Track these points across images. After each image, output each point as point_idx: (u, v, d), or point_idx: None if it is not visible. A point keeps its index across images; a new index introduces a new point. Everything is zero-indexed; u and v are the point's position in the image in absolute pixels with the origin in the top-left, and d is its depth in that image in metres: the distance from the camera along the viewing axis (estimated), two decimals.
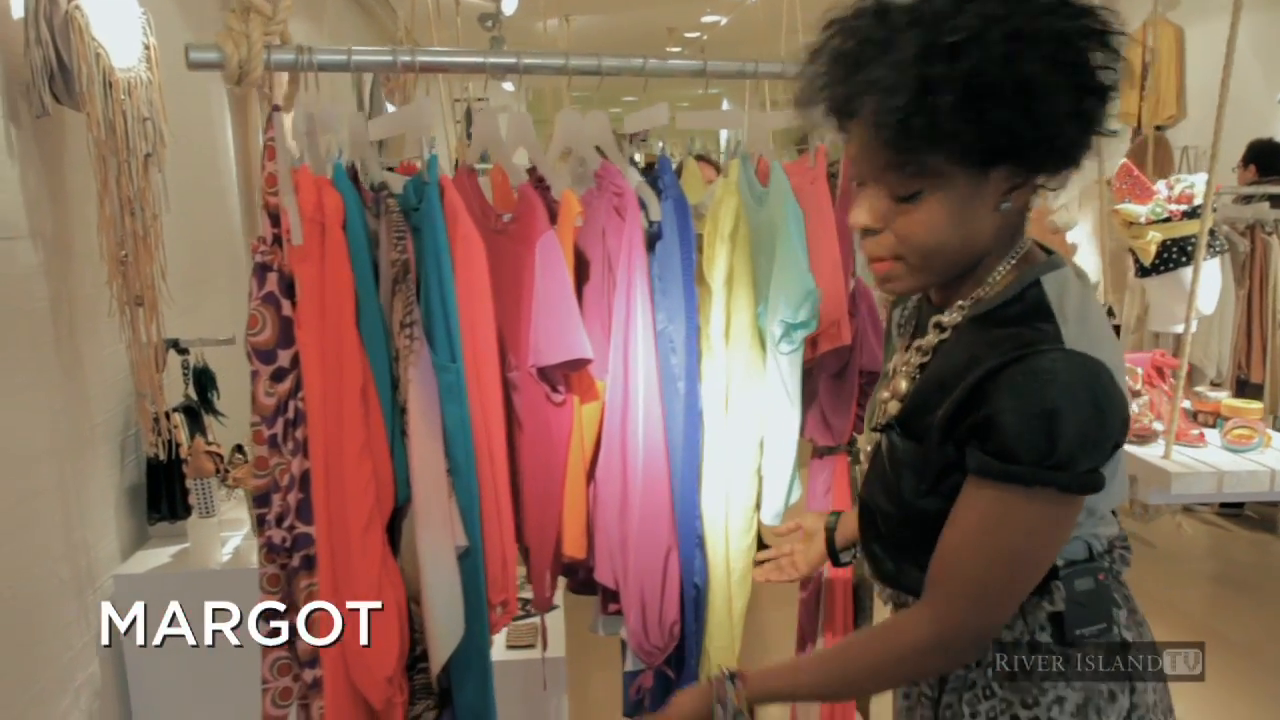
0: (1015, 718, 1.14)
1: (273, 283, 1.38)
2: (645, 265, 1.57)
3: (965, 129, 0.99)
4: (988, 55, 0.97)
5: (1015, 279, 1.11)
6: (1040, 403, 1.00)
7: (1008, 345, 1.04)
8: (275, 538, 1.41)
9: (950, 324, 1.14)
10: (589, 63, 1.64)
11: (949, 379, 1.09)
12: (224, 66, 1.34)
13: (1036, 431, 1.01)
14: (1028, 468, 1.02)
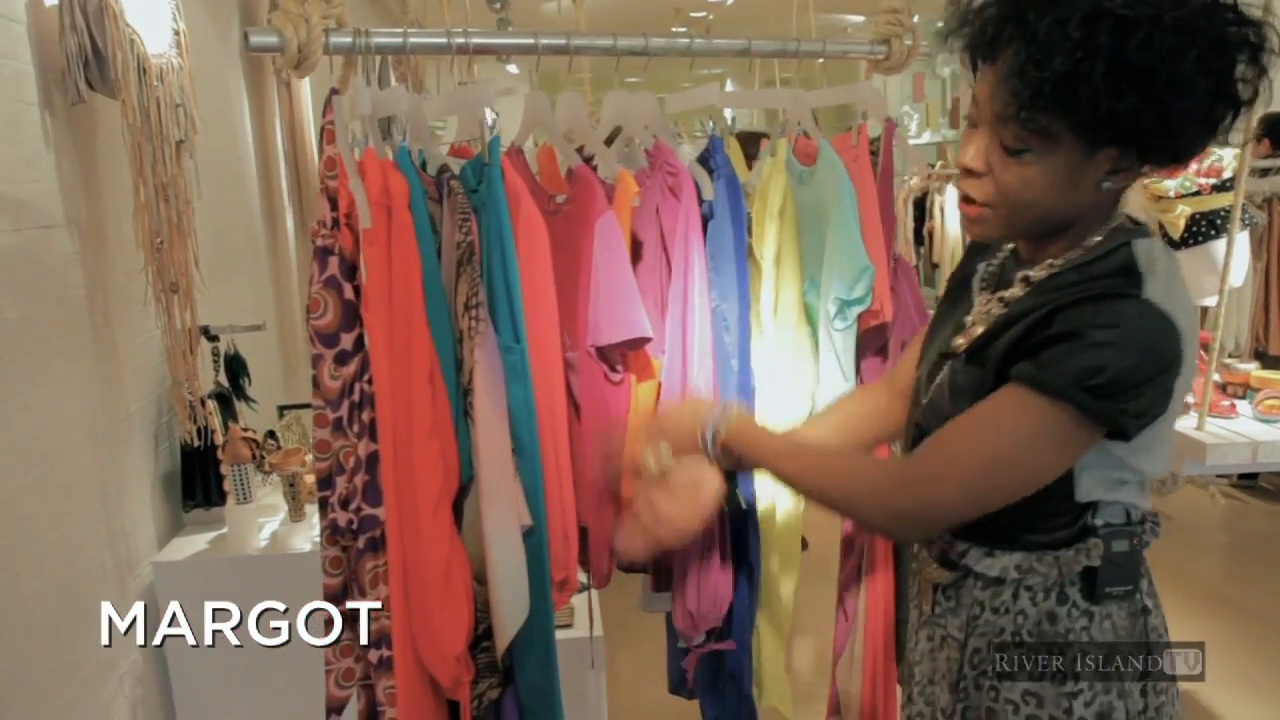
0: (1044, 666, 1.18)
1: (334, 266, 1.39)
2: (701, 244, 1.58)
3: (1099, 104, 1.01)
4: (1152, 41, 0.99)
5: (1104, 243, 1.15)
6: (1099, 333, 1.04)
7: (1087, 288, 1.09)
8: (340, 520, 1.42)
9: (1036, 279, 1.17)
10: (636, 42, 1.64)
11: (1021, 315, 1.13)
12: (284, 50, 1.34)
13: (1085, 356, 1.04)
14: (1062, 381, 1.05)
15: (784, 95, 1.74)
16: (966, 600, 1.25)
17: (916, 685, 1.35)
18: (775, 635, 1.85)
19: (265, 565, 2.33)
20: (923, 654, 1.33)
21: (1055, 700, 1.17)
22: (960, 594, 1.26)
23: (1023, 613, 1.20)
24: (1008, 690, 1.19)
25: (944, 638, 1.28)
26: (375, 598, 1.43)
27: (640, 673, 3.30)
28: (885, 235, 1.80)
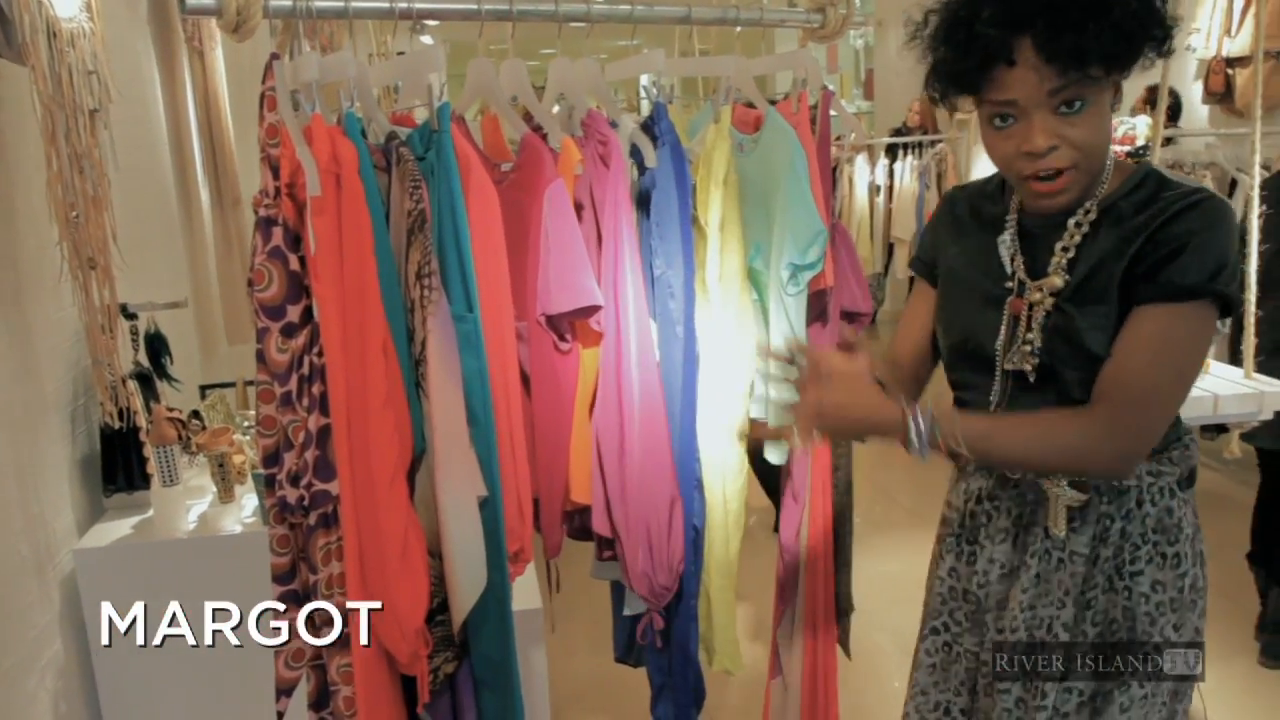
0: (1164, 555, 1.37)
1: (278, 236, 1.34)
2: (630, 213, 1.58)
3: (1128, 37, 1.19)
4: None
5: (1126, 176, 1.33)
6: (1217, 233, 1.24)
7: (1175, 196, 1.27)
8: (290, 497, 1.39)
9: (1088, 221, 1.32)
10: (578, 8, 1.62)
11: (1118, 241, 1.28)
12: (221, 13, 1.29)
13: (1212, 256, 1.23)
14: (1198, 283, 1.23)
15: (727, 63, 1.74)
16: (1092, 517, 1.38)
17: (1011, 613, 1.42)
18: (724, 599, 1.87)
19: (194, 548, 2.26)
20: (1028, 582, 1.42)
21: (1174, 583, 1.37)
22: (1086, 514, 1.38)
23: (1147, 514, 1.37)
24: (1139, 585, 1.37)
25: (1060, 559, 1.40)
26: (326, 574, 1.40)
27: (577, 645, 3.31)
28: (824, 201, 1.82)
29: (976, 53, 1.22)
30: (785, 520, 1.99)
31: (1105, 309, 1.29)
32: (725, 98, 1.73)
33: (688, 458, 1.70)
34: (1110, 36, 1.17)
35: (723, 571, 1.83)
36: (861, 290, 1.97)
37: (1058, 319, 1.33)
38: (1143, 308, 1.26)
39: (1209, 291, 1.23)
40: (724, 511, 1.80)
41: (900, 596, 3.62)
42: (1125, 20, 1.18)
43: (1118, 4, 1.18)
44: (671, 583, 1.69)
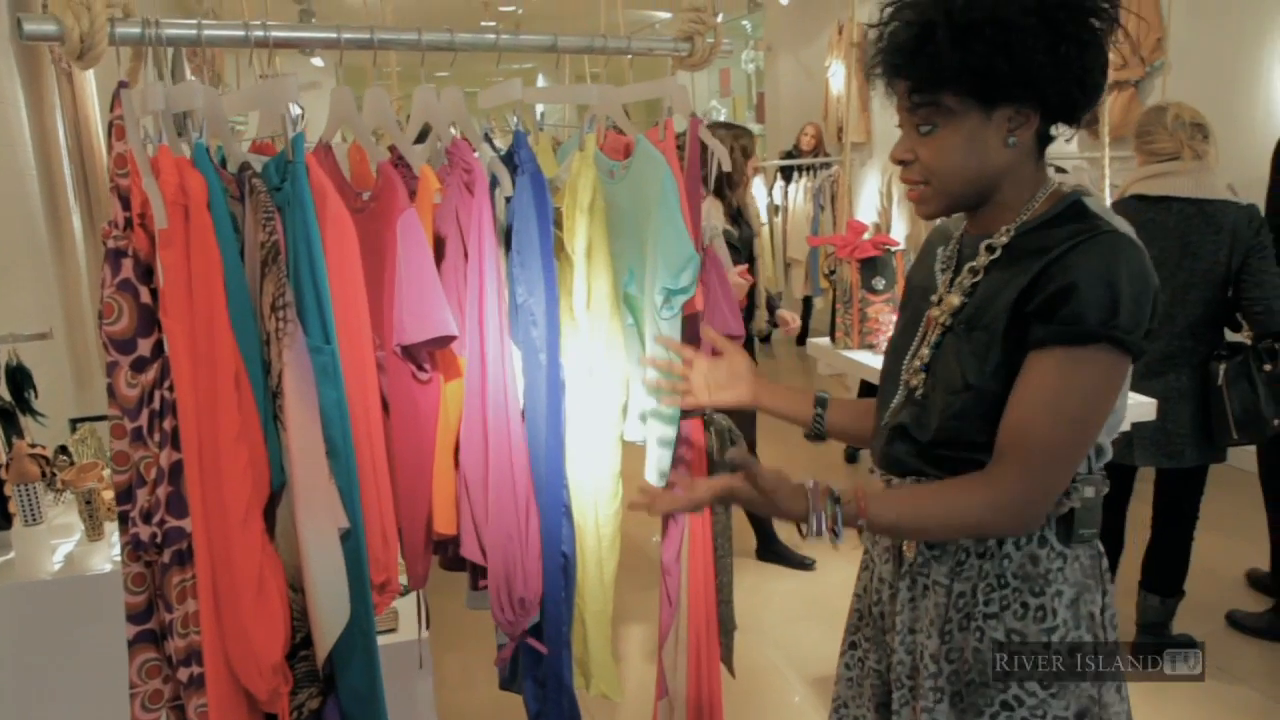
0: (1025, 604, 1.31)
1: (128, 269, 1.32)
2: (495, 241, 1.58)
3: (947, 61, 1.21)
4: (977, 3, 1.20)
5: (1053, 204, 1.31)
6: (1107, 272, 1.19)
7: (1070, 233, 1.24)
8: (143, 534, 1.35)
9: (999, 245, 1.32)
10: (441, 37, 1.63)
11: (1013, 272, 1.27)
12: (64, 40, 1.26)
13: (1103, 296, 1.19)
14: (1095, 326, 1.19)
15: (591, 90, 1.76)
16: (951, 547, 1.35)
17: (898, 635, 1.41)
18: (599, 624, 1.87)
19: (59, 590, 2.18)
20: (903, 603, 1.41)
21: (1036, 635, 1.30)
22: (945, 543, 1.35)
23: (1008, 556, 1.31)
24: (992, 629, 1.31)
25: (926, 586, 1.38)
26: (182, 613, 1.37)
27: (468, 674, 3.28)
28: (692, 227, 1.86)
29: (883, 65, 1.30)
30: (666, 541, 2.01)
31: (987, 338, 1.28)
32: (590, 125, 1.76)
33: (554, 484, 1.71)
34: (954, 72, 1.22)
35: (596, 596, 1.84)
36: (733, 314, 2.00)
37: (948, 339, 1.34)
38: (1038, 353, 1.23)
39: (1104, 336, 1.20)
40: (596, 537, 1.81)
41: (793, 614, 3.70)
42: (977, 62, 1.20)
43: (976, 46, 1.20)
44: (517, 616, 1.68)
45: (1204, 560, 3.40)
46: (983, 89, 1.23)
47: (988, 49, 1.20)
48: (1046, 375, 1.22)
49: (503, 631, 1.71)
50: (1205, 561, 3.48)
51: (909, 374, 1.39)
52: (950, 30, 1.20)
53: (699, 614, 2.02)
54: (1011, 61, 1.20)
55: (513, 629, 1.69)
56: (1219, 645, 3.31)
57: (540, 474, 1.66)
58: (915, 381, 1.37)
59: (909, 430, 1.37)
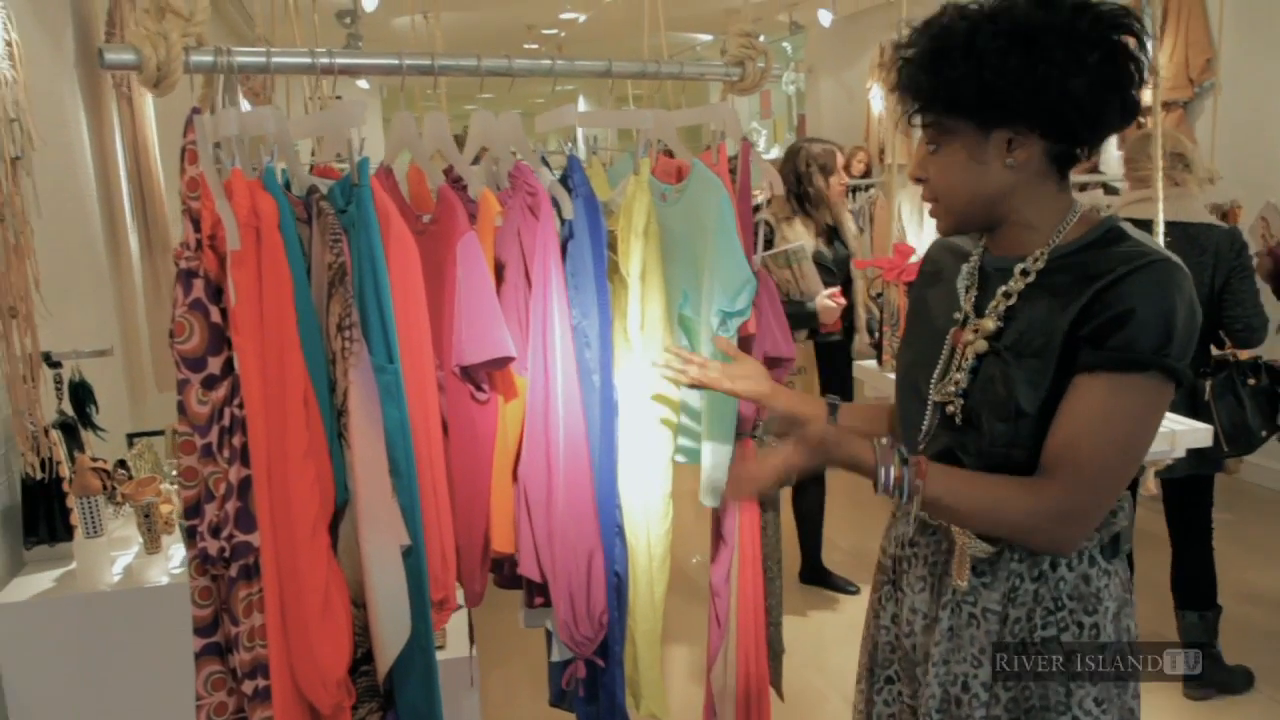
0: (1080, 624, 1.33)
1: (199, 289, 1.35)
2: (560, 263, 1.61)
3: (928, 85, 1.29)
4: (954, 28, 1.27)
5: (1089, 228, 1.32)
6: (1164, 301, 1.21)
7: (1121, 259, 1.24)
8: (210, 549, 1.38)
9: (1034, 269, 1.33)
10: (499, 63, 1.66)
11: (1060, 299, 1.27)
12: (142, 69, 1.30)
13: (1158, 325, 1.20)
14: (1145, 354, 1.21)
15: (646, 115, 1.78)
16: (1002, 574, 1.35)
17: (931, 666, 1.39)
18: (649, 643, 1.88)
19: (119, 601, 2.22)
20: (942, 634, 1.39)
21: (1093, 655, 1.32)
22: (997, 569, 1.35)
23: (1062, 579, 1.33)
24: (1053, 653, 1.32)
25: (973, 614, 1.36)
26: (248, 626, 1.40)
27: (510, 691, 3.29)
28: (747, 249, 1.87)
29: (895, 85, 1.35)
30: (716, 563, 2.01)
31: (1040, 365, 1.27)
32: (644, 150, 1.78)
33: (608, 504, 1.72)
34: (930, 93, 1.29)
35: (647, 616, 1.85)
36: (784, 335, 2.01)
37: (992, 365, 1.32)
38: (1087, 376, 1.24)
39: (1156, 364, 1.21)
40: (648, 557, 1.82)
41: (837, 638, 3.67)
42: (949, 85, 1.27)
43: (946, 69, 1.26)
44: (593, 633, 1.70)
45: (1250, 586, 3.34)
46: (967, 110, 1.29)
47: (958, 72, 1.25)
48: (1095, 399, 1.23)
49: (570, 649, 1.72)
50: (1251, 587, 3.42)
51: (939, 395, 1.39)
52: (929, 54, 1.28)
53: (748, 636, 2.02)
54: (980, 84, 1.25)
55: (587, 646, 1.70)
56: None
57: (597, 495, 1.67)
58: (952, 407, 1.36)
59: (956, 455, 1.36)
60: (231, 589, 1.39)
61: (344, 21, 5.10)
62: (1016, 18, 1.24)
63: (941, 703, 1.38)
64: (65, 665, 2.19)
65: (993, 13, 1.26)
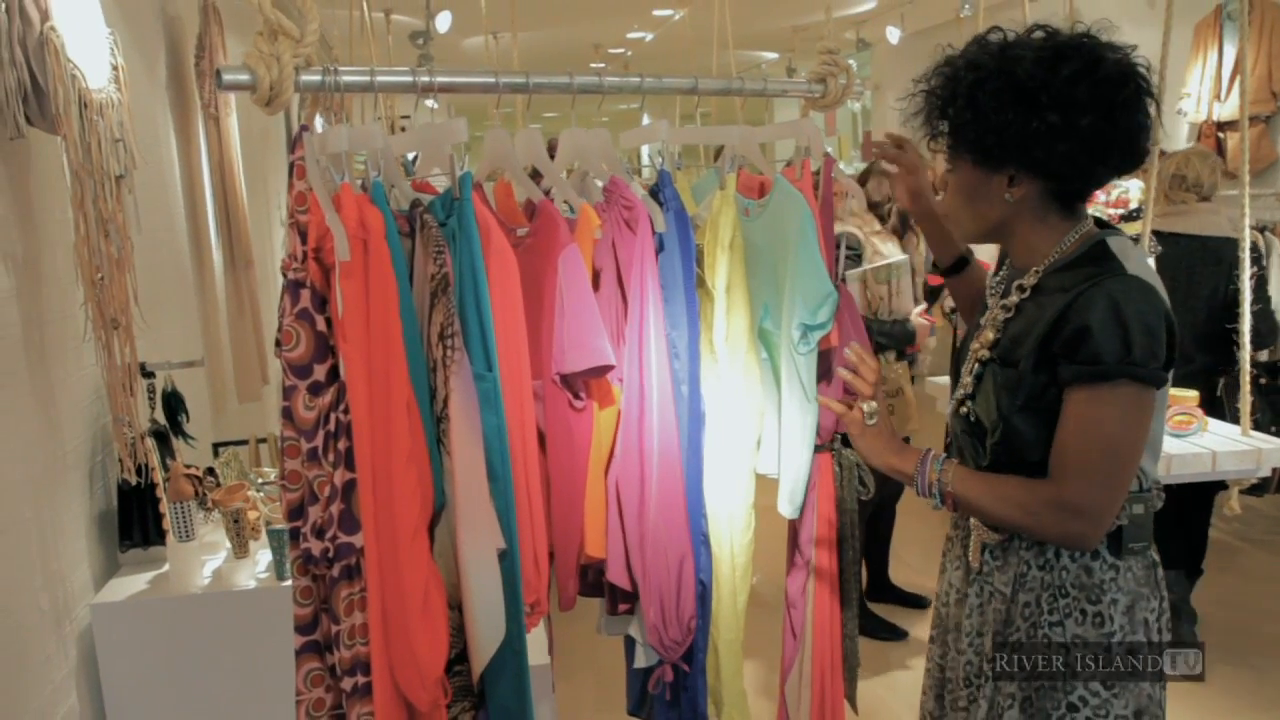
0: (1084, 611, 1.44)
1: (306, 299, 1.40)
2: (656, 275, 1.64)
3: (935, 124, 1.47)
4: (962, 78, 1.41)
5: (1081, 245, 1.44)
6: (1115, 315, 1.32)
7: (1084, 276, 1.37)
8: (314, 549, 1.43)
9: (1029, 285, 1.47)
10: (590, 80, 1.70)
11: (1039, 313, 1.41)
12: (255, 88, 1.36)
13: (1114, 337, 1.31)
14: (1111, 365, 1.32)
15: (732, 132, 1.81)
16: (1013, 560, 1.49)
17: (966, 636, 1.57)
18: (732, 653, 1.90)
19: (209, 604, 2.30)
20: (971, 608, 1.56)
21: (1096, 639, 1.43)
22: (1007, 554, 1.50)
23: (1065, 569, 1.45)
24: (1057, 636, 1.44)
25: (991, 593, 1.52)
26: (349, 625, 1.44)
27: (578, 699, 3.32)
28: (828, 264, 1.89)
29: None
30: (792, 575, 2.02)
31: (1015, 374, 1.41)
32: (730, 165, 1.81)
33: (695, 513, 1.75)
34: (951, 133, 1.46)
35: (730, 625, 1.87)
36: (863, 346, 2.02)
37: (986, 373, 1.48)
38: (1069, 390, 1.36)
39: (1121, 374, 1.32)
40: (731, 566, 1.84)
41: (905, 651, 3.64)
42: (967, 128, 1.42)
43: (966, 115, 1.41)
44: (682, 637, 1.72)
45: None
46: (969, 152, 1.44)
47: (962, 119, 1.42)
48: (1076, 409, 1.36)
49: (657, 653, 1.74)
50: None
51: (958, 390, 1.56)
52: (939, 97, 1.45)
53: (824, 649, 2.02)
54: (980, 132, 1.40)
55: (675, 651, 1.73)
56: None
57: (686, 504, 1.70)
58: (965, 407, 1.52)
59: (965, 453, 1.55)
60: (333, 588, 1.44)
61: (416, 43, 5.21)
62: (1019, 75, 1.36)
63: (978, 670, 1.54)
64: (158, 663, 2.27)
65: (1000, 67, 1.37)
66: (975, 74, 1.39)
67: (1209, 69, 5.10)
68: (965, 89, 1.40)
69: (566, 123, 1.80)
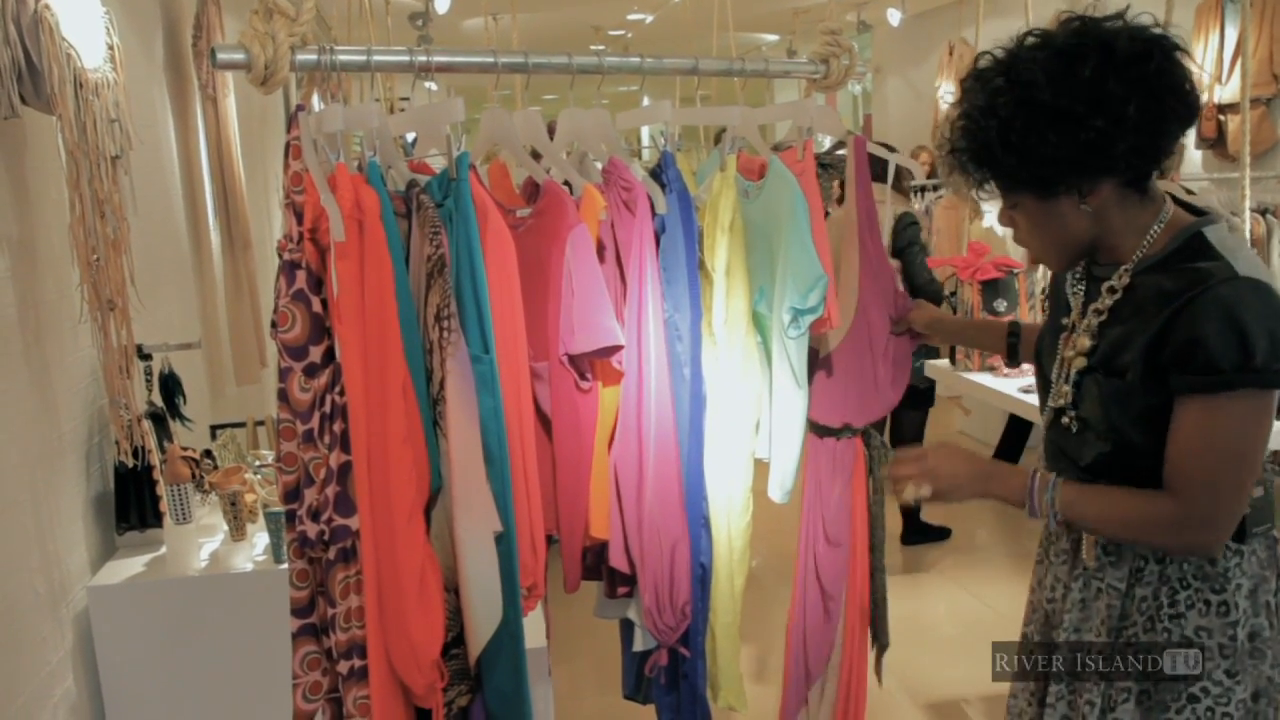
0: (1208, 601, 1.38)
1: (301, 280, 1.39)
2: (655, 257, 1.63)
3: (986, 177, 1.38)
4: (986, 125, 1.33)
5: (1172, 236, 1.36)
6: (1232, 322, 1.24)
7: (1190, 280, 1.28)
8: (310, 532, 1.42)
9: (1120, 285, 1.39)
10: (590, 61, 1.69)
11: (1141, 320, 1.33)
12: (250, 68, 1.35)
13: (1233, 345, 1.24)
14: (1231, 374, 1.24)
15: (733, 113, 1.80)
16: (1127, 555, 1.42)
17: (1063, 632, 1.50)
18: (728, 636, 1.90)
19: (206, 586, 2.29)
20: (1074, 604, 1.49)
21: (1222, 630, 1.37)
22: (1121, 550, 1.43)
23: (1185, 560, 1.38)
24: (1180, 628, 1.38)
25: (1099, 589, 1.45)
26: (345, 608, 1.43)
27: (575, 684, 3.32)
28: (876, 249, 1.87)
29: None
30: (825, 562, 2.01)
31: (1124, 385, 1.34)
32: (731, 146, 1.79)
33: (695, 496, 1.74)
34: (1000, 180, 1.38)
35: (727, 609, 1.87)
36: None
37: (1088, 382, 1.40)
38: (1182, 398, 1.29)
39: (1241, 382, 1.25)
40: (729, 549, 1.84)
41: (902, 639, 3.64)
42: (1017, 171, 1.34)
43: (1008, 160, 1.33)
44: (676, 622, 1.72)
45: None
46: (1026, 189, 1.36)
47: (1006, 165, 1.34)
48: (1192, 420, 1.29)
49: (653, 638, 1.74)
50: None
51: (1055, 400, 1.46)
52: (970, 152, 1.36)
53: (854, 630, 2.01)
54: (1030, 170, 1.33)
55: (670, 635, 1.72)
56: None
57: (685, 486, 1.69)
58: (1066, 418, 1.44)
59: (1068, 455, 1.46)
60: (329, 571, 1.43)
61: (415, 24, 5.18)
62: (1043, 99, 1.28)
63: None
64: (155, 646, 2.26)
65: (1019, 98, 1.29)
66: (996, 118, 1.31)
67: (1210, 51, 5.07)
68: (996, 136, 1.32)
69: (565, 105, 1.79)
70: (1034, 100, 1.28)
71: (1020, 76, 1.30)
